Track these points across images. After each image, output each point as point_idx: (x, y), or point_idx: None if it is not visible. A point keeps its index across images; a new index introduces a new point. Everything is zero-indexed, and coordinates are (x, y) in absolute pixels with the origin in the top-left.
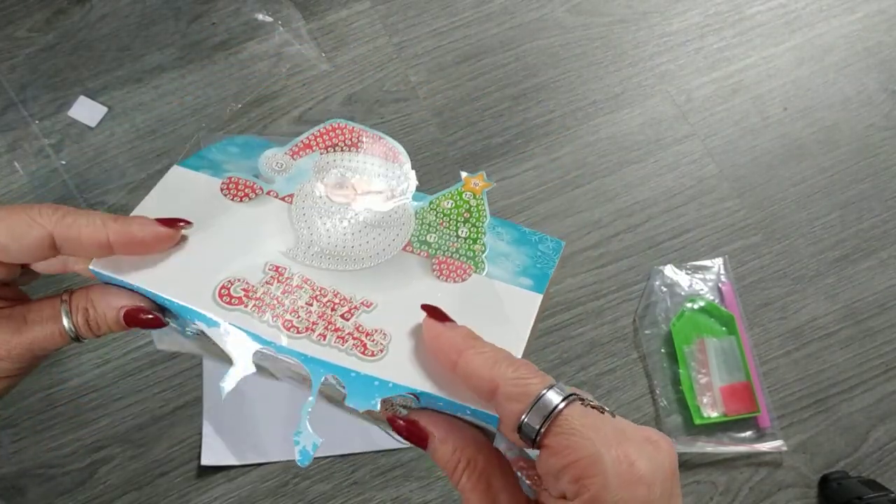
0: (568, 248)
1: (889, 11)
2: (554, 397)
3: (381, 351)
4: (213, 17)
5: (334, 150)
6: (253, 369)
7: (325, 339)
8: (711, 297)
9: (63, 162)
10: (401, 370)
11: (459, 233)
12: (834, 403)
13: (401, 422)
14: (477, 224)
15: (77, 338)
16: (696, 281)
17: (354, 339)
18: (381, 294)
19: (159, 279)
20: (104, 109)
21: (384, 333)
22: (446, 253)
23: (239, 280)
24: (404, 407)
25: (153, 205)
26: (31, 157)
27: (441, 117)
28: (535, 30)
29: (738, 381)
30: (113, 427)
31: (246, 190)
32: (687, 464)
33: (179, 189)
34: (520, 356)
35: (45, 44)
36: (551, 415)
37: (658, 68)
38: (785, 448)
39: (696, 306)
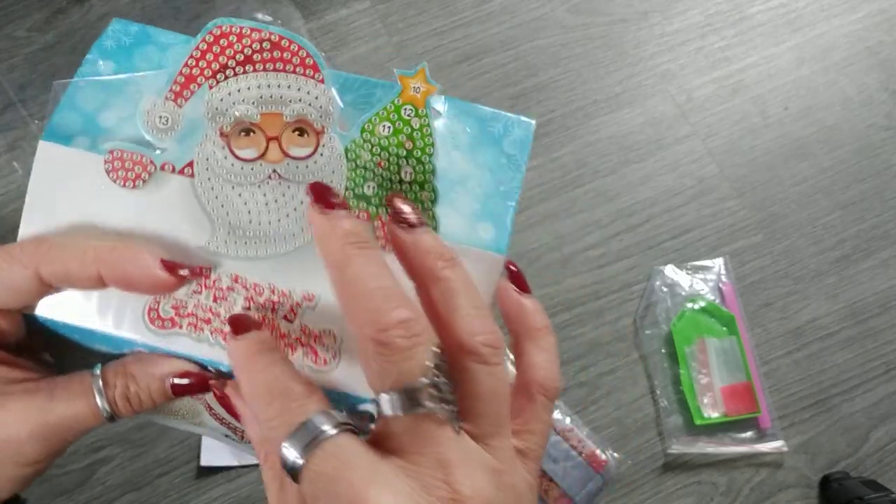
0: (567, 249)
1: (890, 11)
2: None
3: (334, 357)
4: (213, 17)
5: (225, 76)
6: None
7: None
8: (712, 298)
9: None
10: (357, 378)
11: (403, 175)
12: (835, 404)
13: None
14: (422, 158)
15: (112, 417)
16: (697, 281)
17: (304, 345)
18: (321, 282)
19: (82, 308)
20: None
21: (333, 336)
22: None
23: (165, 297)
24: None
25: (36, 204)
26: (30, 156)
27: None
28: (535, 29)
29: (738, 381)
30: (112, 427)
31: (136, 169)
32: (688, 464)
33: (59, 177)
34: None
35: (45, 43)
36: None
37: (658, 68)
38: (786, 448)
39: (696, 306)
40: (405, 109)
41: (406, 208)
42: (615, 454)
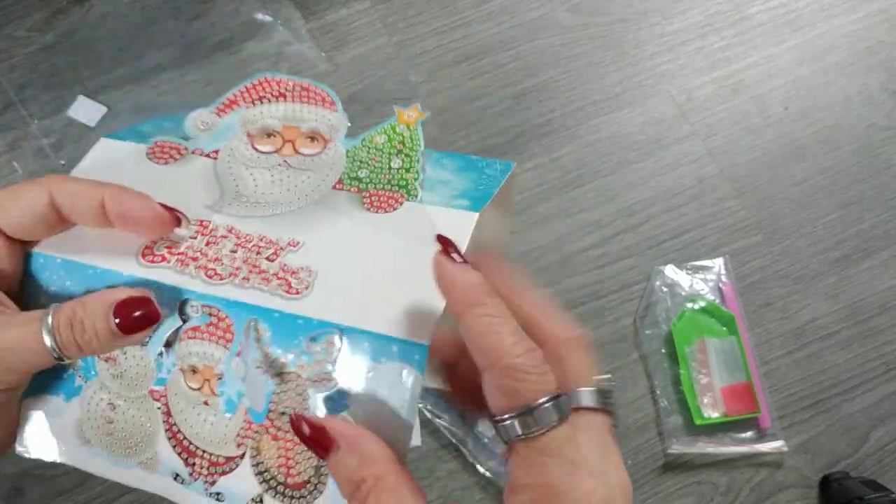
0: (567, 249)
1: (890, 11)
2: (547, 415)
3: (307, 288)
4: (213, 17)
5: (261, 103)
6: (179, 322)
7: (248, 283)
8: (712, 298)
9: (62, 162)
10: (325, 307)
11: (392, 164)
12: (835, 404)
13: (304, 425)
14: (410, 154)
15: (57, 349)
16: (697, 281)
17: (279, 279)
18: (308, 234)
19: (84, 249)
20: (103, 109)
21: (309, 271)
22: (377, 186)
23: (163, 239)
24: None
25: (81, 175)
26: (30, 156)
27: (441, 117)
28: (535, 29)
29: (738, 381)
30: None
31: (171, 151)
32: (687, 464)
33: (107, 159)
34: None
35: (45, 43)
36: (534, 431)
37: (658, 68)
38: (786, 448)
39: (696, 306)
40: (399, 127)
41: (453, 247)
42: None
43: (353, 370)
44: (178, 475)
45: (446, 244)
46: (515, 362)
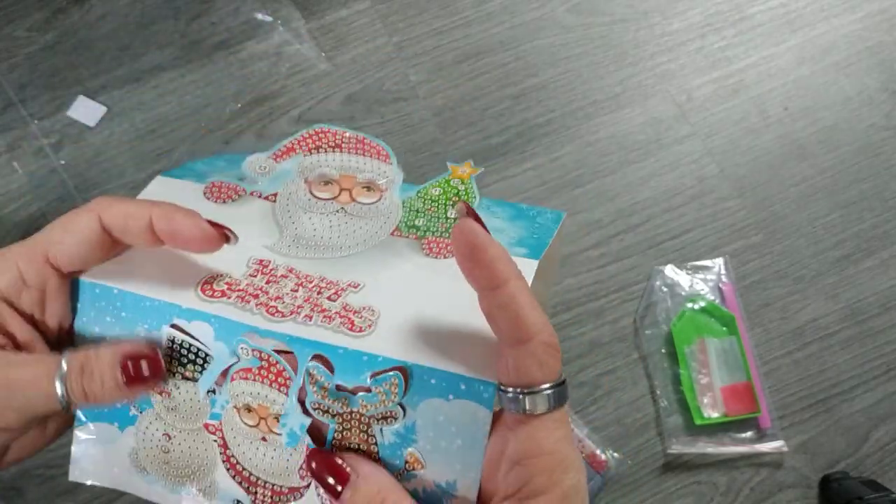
0: (567, 249)
1: (890, 11)
2: (566, 391)
3: (370, 326)
4: (213, 17)
5: (318, 152)
6: (234, 359)
7: (311, 320)
8: (712, 298)
9: (62, 162)
10: (390, 344)
11: (448, 214)
12: (835, 404)
13: (319, 461)
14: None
15: (66, 394)
16: (697, 281)
17: (342, 317)
18: (369, 275)
19: (141, 281)
20: (103, 109)
21: (372, 310)
22: (436, 233)
23: (222, 275)
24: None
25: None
26: (30, 156)
27: (441, 117)
28: (535, 29)
29: (738, 381)
30: None
31: (229, 192)
32: (687, 464)
33: (163, 195)
34: None
35: (45, 43)
36: (557, 405)
37: (658, 68)
38: (786, 448)
39: (696, 306)
40: (453, 181)
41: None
42: (615, 454)
43: (420, 407)
44: (239, 502)
45: (474, 215)
46: (553, 340)
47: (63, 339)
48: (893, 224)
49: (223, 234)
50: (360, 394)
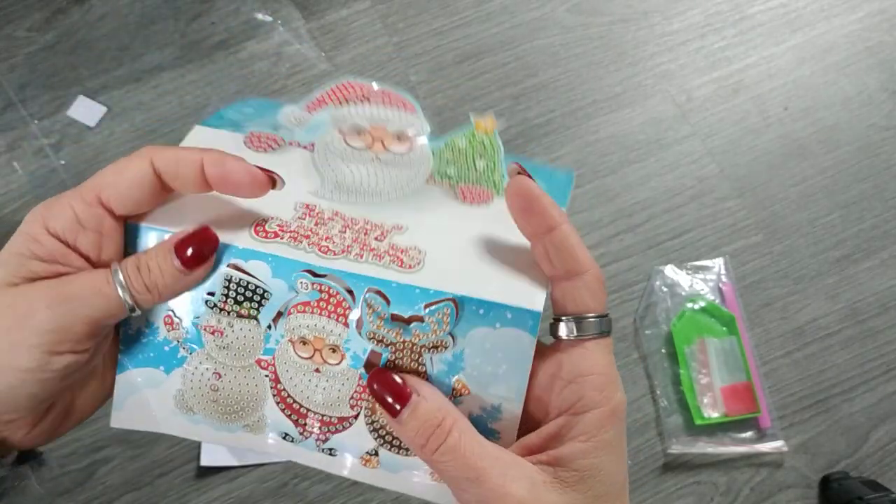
0: None
1: (890, 11)
2: (611, 322)
3: (419, 264)
4: (213, 17)
5: (347, 104)
6: (293, 294)
7: (361, 258)
8: (712, 298)
9: (62, 162)
10: (440, 278)
11: (477, 166)
12: (835, 404)
13: (382, 381)
14: (492, 158)
15: (130, 297)
16: (697, 281)
17: (391, 255)
18: (411, 219)
19: (198, 224)
20: (103, 109)
21: (419, 250)
22: (467, 181)
23: (273, 217)
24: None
25: None
26: (30, 156)
27: (441, 117)
28: (535, 29)
29: (738, 381)
30: (112, 427)
31: (269, 141)
32: (688, 464)
33: (206, 144)
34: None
35: (45, 43)
36: (606, 332)
37: (658, 68)
38: (786, 448)
39: (696, 306)
40: (478, 135)
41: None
42: None
43: (469, 335)
44: (287, 434)
45: (526, 172)
46: (601, 276)
47: None
48: (893, 224)
49: (271, 179)
50: (414, 324)
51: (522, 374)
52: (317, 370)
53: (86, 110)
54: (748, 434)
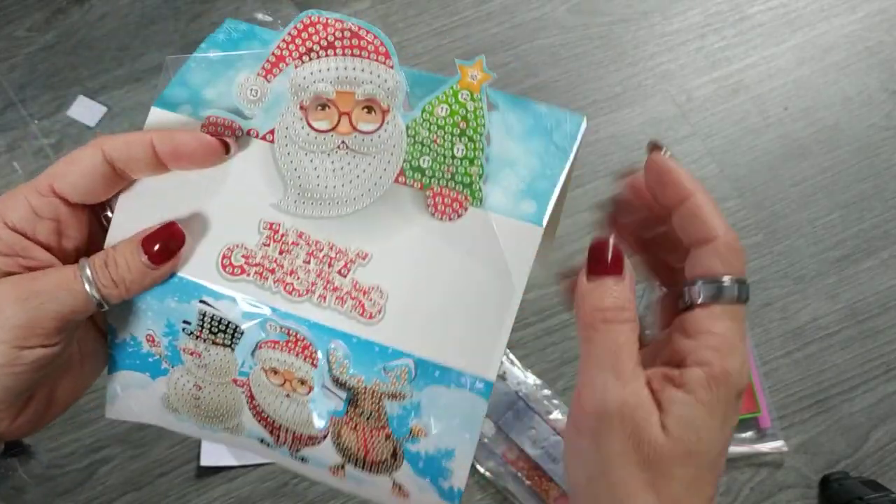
0: (567, 249)
1: (890, 11)
2: (747, 290)
3: (379, 312)
4: (213, 17)
5: (309, 59)
6: (263, 333)
7: (325, 301)
8: None
9: None
10: (399, 334)
11: (455, 152)
12: (835, 404)
13: (608, 252)
14: (474, 137)
15: (97, 291)
16: None
17: (353, 298)
18: (375, 243)
19: (165, 220)
20: (103, 109)
21: (381, 291)
22: (441, 181)
23: (238, 246)
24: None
25: None
26: (30, 156)
27: None
28: (534, 29)
29: None
30: (112, 427)
31: (226, 133)
32: None
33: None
34: (517, 300)
35: (45, 43)
36: (736, 300)
37: (658, 68)
38: (786, 448)
39: None
40: (462, 94)
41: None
42: None
43: (426, 390)
44: (263, 440)
45: (659, 145)
46: (736, 243)
47: None
48: (893, 224)
49: (223, 143)
50: (374, 377)
51: (473, 432)
52: (287, 395)
53: (86, 110)
54: (748, 434)
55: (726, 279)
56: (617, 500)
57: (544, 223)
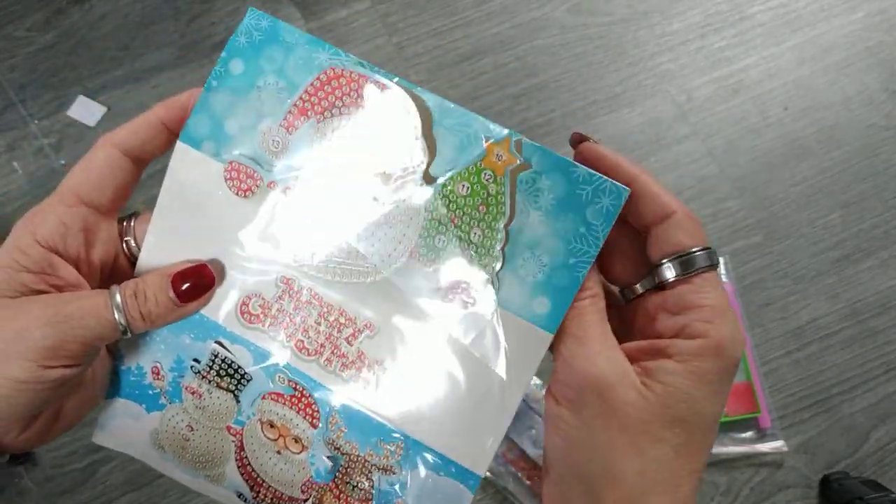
0: None
1: (890, 11)
2: (716, 255)
3: (382, 387)
4: (213, 17)
5: (331, 114)
6: (270, 383)
7: (331, 365)
8: None
9: (62, 162)
10: (398, 412)
11: (472, 236)
12: (835, 404)
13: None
14: (493, 224)
15: (125, 320)
16: None
17: (357, 368)
18: (383, 317)
19: (197, 261)
20: (103, 109)
21: (384, 368)
22: (455, 266)
23: (256, 296)
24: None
25: (167, 203)
26: (30, 156)
27: None
28: (534, 29)
29: (738, 381)
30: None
31: (248, 182)
32: None
33: (186, 182)
34: (516, 403)
35: (45, 43)
36: (709, 267)
37: (658, 68)
38: (786, 448)
39: None
40: (485, 174)
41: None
42: None
43: (416, 471)
44: (241, 495)
45: (583, 136)
46: (692, 214)
47: (107, 282)
48: (893, 224)
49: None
50: (369, 447)
51: None
52: (278, 452)
53: (86, 110)
54: (748, 434)
55: (695, 249)
56: (600, 463)
57: (555, 330)
